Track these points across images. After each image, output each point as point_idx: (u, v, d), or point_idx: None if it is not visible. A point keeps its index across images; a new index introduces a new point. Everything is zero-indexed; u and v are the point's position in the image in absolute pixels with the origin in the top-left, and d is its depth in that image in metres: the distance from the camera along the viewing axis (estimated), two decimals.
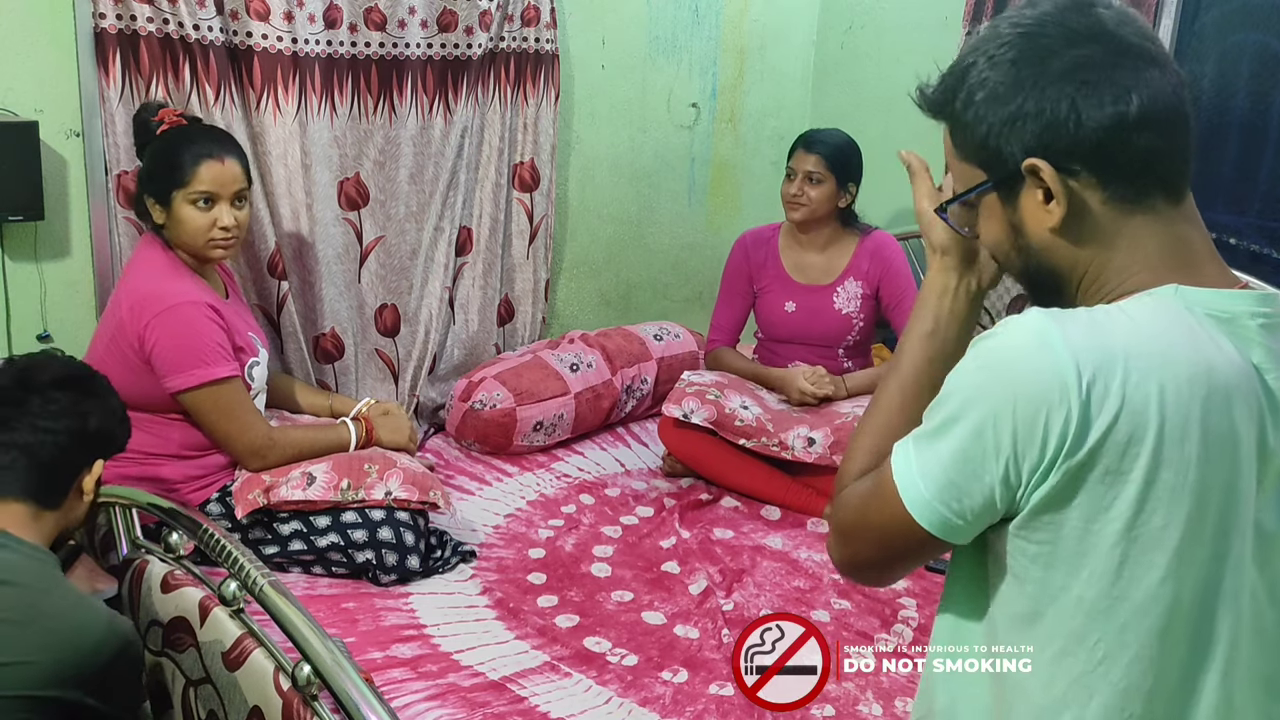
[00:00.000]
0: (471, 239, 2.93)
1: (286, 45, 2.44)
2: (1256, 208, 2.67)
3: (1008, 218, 0.90)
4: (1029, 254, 0.90)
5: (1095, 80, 0.83)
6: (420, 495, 2.13)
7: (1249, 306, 0.84)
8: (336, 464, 2.12)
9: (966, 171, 0.92)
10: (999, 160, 0.87)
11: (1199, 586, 0.81)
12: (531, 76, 2.90)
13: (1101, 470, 0.78)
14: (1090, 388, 0.77)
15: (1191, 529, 0.79)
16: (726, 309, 2.86)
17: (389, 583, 2.09)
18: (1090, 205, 0.85)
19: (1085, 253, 0.87)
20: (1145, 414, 0.77)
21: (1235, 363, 0.81)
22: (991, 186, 0.89)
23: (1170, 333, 0.81)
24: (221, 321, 2.05)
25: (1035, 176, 0.85)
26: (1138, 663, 0.81)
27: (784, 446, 2.54)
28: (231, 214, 2.07)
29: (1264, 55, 2.59)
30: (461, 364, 2.97)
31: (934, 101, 0.93)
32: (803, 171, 2.66)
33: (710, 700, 1.81)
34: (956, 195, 0.94)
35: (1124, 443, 0.77)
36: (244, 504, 2.03)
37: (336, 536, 2.06)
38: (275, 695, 1.47)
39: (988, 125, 0.87)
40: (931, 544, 0.86)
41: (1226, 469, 0.80)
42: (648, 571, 2.25)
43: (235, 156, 2.09)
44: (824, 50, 3.62)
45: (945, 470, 0.82)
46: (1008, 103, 0.85)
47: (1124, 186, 0.85)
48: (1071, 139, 0.83)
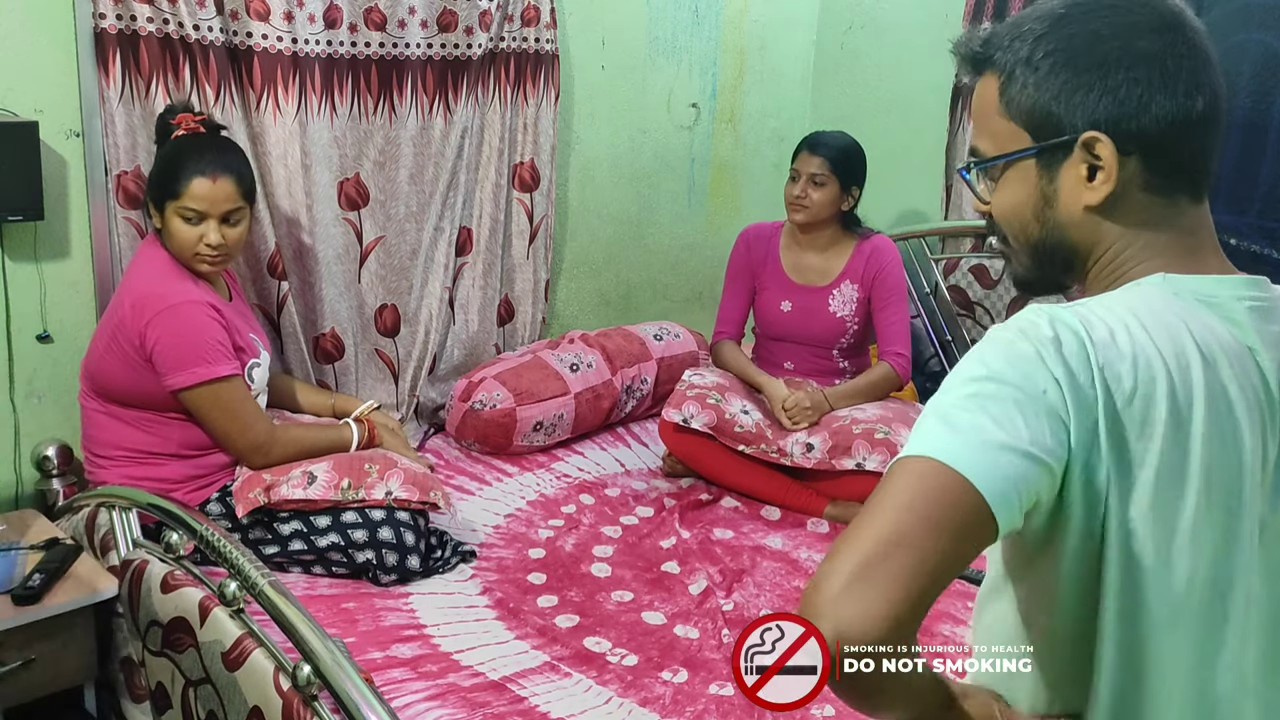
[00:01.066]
0: (471, 239, 2.93)
1: (286, 45, 2.44)
2: (1256, 208, 2.67)
3: (1041, 187, 0.88)
4: (1051, 227, 0.89)
5: (1174, 71, 0.83)
6: (421, 495, 2.13)
7: (1234, 290, 0.85)
8: (337, 463, 2.12)
9: (1007, 131, 0.89)
10: (1054, 126, 0.86)
11: (1210, 567, 0.81)
12: (531, 77, 2.90)
13: (1118, 453, 0.78)
14: (1105, 369, 0.77)
15: (1200, 510, 0.79)
16: (731, 301, 2.85)
17: (389, 583, 2.08)
18: (1130, 190, 0.85)
19: (1109, 235, 0.87)
20: (1154, 398, 0.78)
21: (1230, 346, 0.82)
22: (1036, 152, 0.87)
23: (1165, 317, 0.81)
24: (222, 320, 2.05)
25: (1088, 151, 0.85)
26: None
27: (783, 453, 2.54)
28: (219, 232, 2.04)
29: (1266, 55, 2.59)
30: (461, 364, 2.97)
31: (978, 56, 0.90)
32: (807, 174, 2.66)
33: (710, 700, 1.81)
34: (998, 155, 0.90)
35: (1139, 425, 0.78)
36: (245, 503, 2.03)
37: (337, 536, 2.06)
38: (275, 695, 1.47)
39: (1054, 89, 0.85)
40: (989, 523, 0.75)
41: (1230, 450, 0.80)
42: (648, 571, 2.25)
43: (232, 176, 2.06)
44: (824, 50, 3.62)
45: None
46: (1084, 71, 0.84)
47: (1163, 179, 0.86)
48: (1137, 123, 0.83)
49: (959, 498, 0.72)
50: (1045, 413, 0.76)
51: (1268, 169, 2.62)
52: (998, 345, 0.80)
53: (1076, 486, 0.77)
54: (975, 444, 0.74)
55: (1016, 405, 0.75)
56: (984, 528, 0.73)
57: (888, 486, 0.75)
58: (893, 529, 0.72)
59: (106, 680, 1.96)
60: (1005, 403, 0.75)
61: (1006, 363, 0.78)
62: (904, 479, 0.74)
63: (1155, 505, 0.78)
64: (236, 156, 2.13)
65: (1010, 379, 0.77)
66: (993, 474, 0.73)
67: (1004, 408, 0.75)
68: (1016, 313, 0.83)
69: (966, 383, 0.78)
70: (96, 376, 2.07)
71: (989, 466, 0.73)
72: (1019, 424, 0.75)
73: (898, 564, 0.70)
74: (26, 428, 2.27)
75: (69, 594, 1.85)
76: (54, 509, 2.19)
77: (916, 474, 0.74)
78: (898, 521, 0.72)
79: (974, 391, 0.77)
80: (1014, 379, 0.77)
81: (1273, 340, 0.84)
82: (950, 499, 0.72)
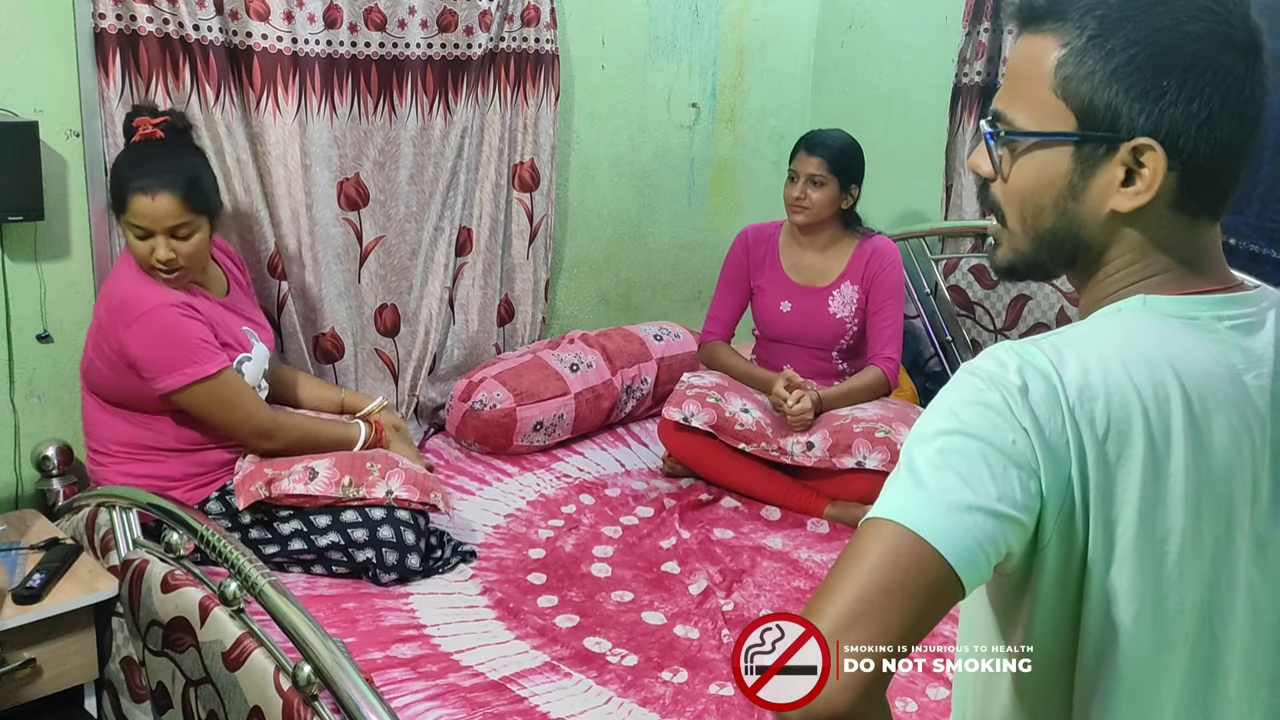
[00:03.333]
0: (471, 239, 2.93)
1: (286, 45, 2.44)
2: (1256, 208, 2.67)
3: (1071, 177, 0.82)
4: (1068, 218, 0.84)
5: (1245, 98, 0.79)
6: (421, 496, 2.13)
7: (1214, 310, 0.82)
8: (339, 461, 2.12)
9: (1051, 106, 0.82)
10: (1106, 121, 0.80)
11: (1199, 595, 0.80)
12: (531, 77, 2.90)
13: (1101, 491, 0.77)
14: (1075, 410, 0.76)
15: (1189, 542, 0.78)
16: (723, 302, 2.85)
17: (389, 582, 2.09)
18: (1158, 204, 0.81)
19: (1124, 243, 0.84)
20: (1130, 434, 0.76)
21: (1213, 366, 0.80)
22: (1078, 140, 0.81)
23: (1144, 345, 0.79)
24: (200, 317, 2.04)
25: (1133, 156, 0.80)
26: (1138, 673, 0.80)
27: (783, 451, 2.54)
28: (169, 247, 1.98)
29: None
30: (461, 364, 2.97)
31: (1040, 10, 0.82)
32: (805, 174, 2.65)
33: (710, 700, 1.81)
34: (1035, 131, 0.83)
35: (1116, 463, 0.76)
36: (245, 495, 2.03)
37: (337, 535, 2.06)
38: (275, 695, 1.47)
39: (1124, 84, 0.78)
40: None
41: (1218, 476, 0.79)
42: (648, 572, 2.25)
43: (175, 191, 1.97)
44: (824, 50, 3.62)
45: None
46: (1164, 74, 0.78)
47: (1195, 200, 0.82)
48: (1195, 143, 0.78)
49: (924, 564, 0.72)
50: (1014, 464, 0.74)
51: (1267, 169, 2.62)
52: (966, 392, 0.78)
53: (1052, 532, 0.77)
54: (941, 506, 0.73)
55: (984, 459, 0.74)
56: (949, 587, 0.73)
57: (856, 549, 0.74)
58: (856, 597, 0.72)
59: (107, 680, 1.96)
60: (972, 458, 0.74)
61: (974, 414, 0.76)
62: (872, 544, 0.74)
63: (1139, 540, 0.77)
64: (185, 167, 2.04)
65: (977, 431, 0.75)
66: (958, 537, 0.72)
67: (971, 464, 0.74)
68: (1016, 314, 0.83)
69: (936, 436, 0.76)
70: (89, 375, 2.08)
71: (953, 529, 0.72)
72: (986, 480, 0.74)
73: (863, 633, 0.71)
74: (26, 428, 2.27)
75: (69, 594, 1.85)
76: (54, 509, 2.19)
77: (883, 539, 0.73)
78: (861, 589, 0.72)
79: (942, 446, 0.76)
80: (981, 431, 0.75)
81: (1256, 357, 0.82)
82: (915, 565, 0.72)
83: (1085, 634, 0.79)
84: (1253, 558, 0.82)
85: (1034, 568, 0.79)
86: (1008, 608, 0.83)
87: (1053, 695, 0.83)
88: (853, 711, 0.71)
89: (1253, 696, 0.85)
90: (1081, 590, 0.78)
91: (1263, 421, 0.82)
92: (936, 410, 0.79)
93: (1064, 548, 0.77)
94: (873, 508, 0.76)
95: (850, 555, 0.74)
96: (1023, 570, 0.79)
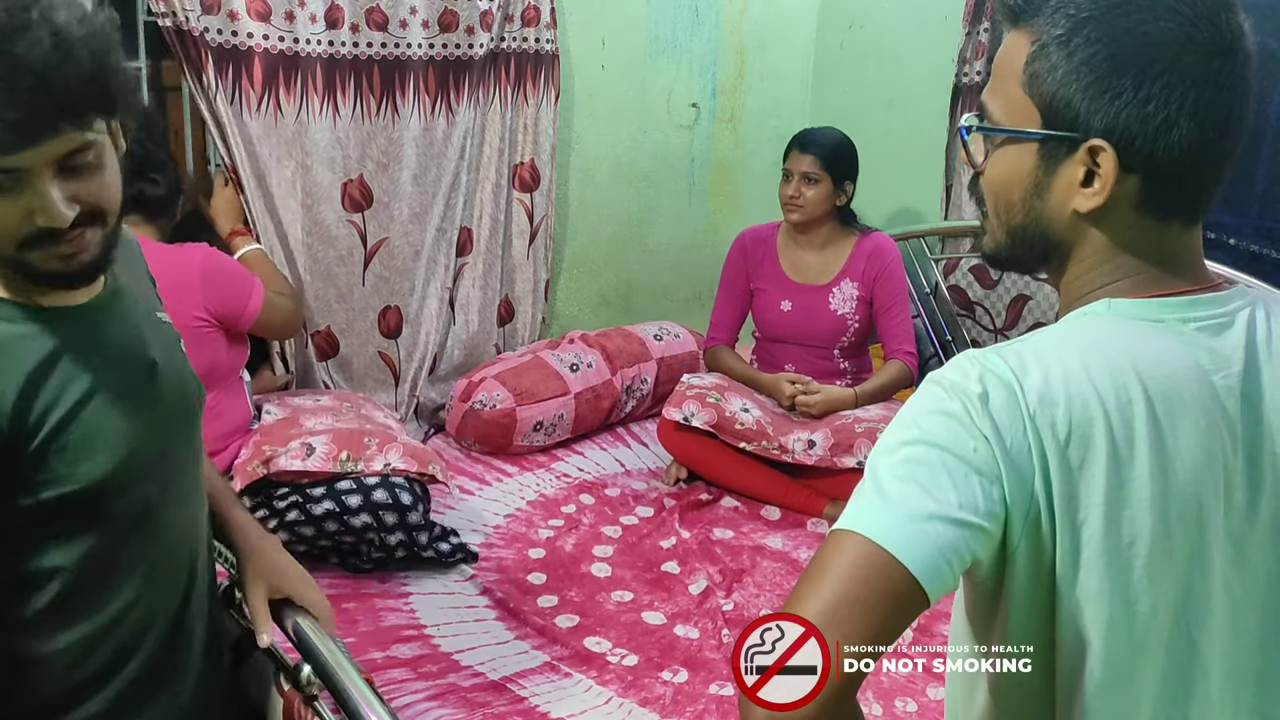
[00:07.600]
0: (472, 239, 2.93)
1: (288, 45, 2.44)
2: (1255, 208, 2.67)
3: (1036, 174, 0.83)
4: (1035, 216, 0.84)
5: (1210, 102, 0.78)
6: (419, 466, 2.14)
7: (1179, 312, 0.82)
8: (336, 435, 2.13)
9: (1020, 103, 0.83)
10: (1068, 120, 0.80)
11: (1173, 598, 0.80)
12: (531, 77, 2.90)
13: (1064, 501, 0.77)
14: (1036, 416, 0.76)
15: (1158, 545, 0.78)
16: (724, 307, 2.86)
17: (395, 544, 2.07)
18: (1121, 205, 0.81)
19: (1090, 244, 0.84)
20: (1092, 439, 0.76)
21: (1181, 368, 0.80)
22: (1041, 139, 0.82)
23: (1109, 351, 0.79)
24: None
25: (1090, 156, 0.80)
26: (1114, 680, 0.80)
27: (784, 450, 2.54)
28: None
29: (1263, 56, 2.58)
30: (461, 364, 2.97)
31: (1017, 8, 0.83)
32: (799, 173, 2.66)
33: (710, 700, 1.81)
34: (1003, 128, 0.84)
35: (1079, 468, 0.76)
36: (243, 475, 2.04)
37: (331, 504, 2.05)
38: (275, 695, 1.47)
39: (1082, 83, 0.79)
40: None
41: (1186, 478, 0.78)
42: (648, 571, 2.25)
43: None
44: (824, 50, 3.62)
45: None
46: (1120, 74, 0.78)
47: (1159, 202, 0.81)
48: (1151, 144, 0.78)
49: (887, 574, 0.73)
50: (976, 472, 0.75)
51: (1266, 169, 2.63)
52: (929, 401, 0.79)
53: (1020, 538, 0.77)
54: (902, 516, 0.74)
55: (945, 468, 0.75)
56: (913, 597, 0.73)
57: (821, 561, 0.75)
58: (819, 609, 0.73)
59: None
60: (934, 467, 0.75)
61: (936, 423, 0.77)
62: (835, 555, 0.74)
63: (1106, 544, 0.77)
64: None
65: (939, 440, 0.76)
66: (920, 547, 0.73)
67: (933, 473, 0.75)
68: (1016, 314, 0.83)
69: (900, 446, 0.77)
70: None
71: (915, 539, 0.73)
72: (947, 488, 0.74)
73: (829, 642, 0.72)
74: None
75: None
76: None
77: (845, 550, 0.74)
78: (823, 601, 0.73)
79: (905, 456, 0.76)
80: (942, 440, 0.76)
81: (1224, 358, 0.82)
82: (877, 576, 0.73)
83: (1060, 638, 0.79)
84: (1229, 558, 0.82)
85: (1005, 574, 0.79)
86: (983, 614, 0.84)
87: (1034, 697, 0.83)
88: (820, 715, 0.72)
89: (1236, 696, 0.85)
90: (1053, 595, 0.79)
91: (1232, 422, 0.81)
92: (900, 421, 0.79)
93: (1033, 554, 0.78)
94: (838, 519, 0.77)
95: (814, 567, 0.75)
96: (995, 577, 0.80)
